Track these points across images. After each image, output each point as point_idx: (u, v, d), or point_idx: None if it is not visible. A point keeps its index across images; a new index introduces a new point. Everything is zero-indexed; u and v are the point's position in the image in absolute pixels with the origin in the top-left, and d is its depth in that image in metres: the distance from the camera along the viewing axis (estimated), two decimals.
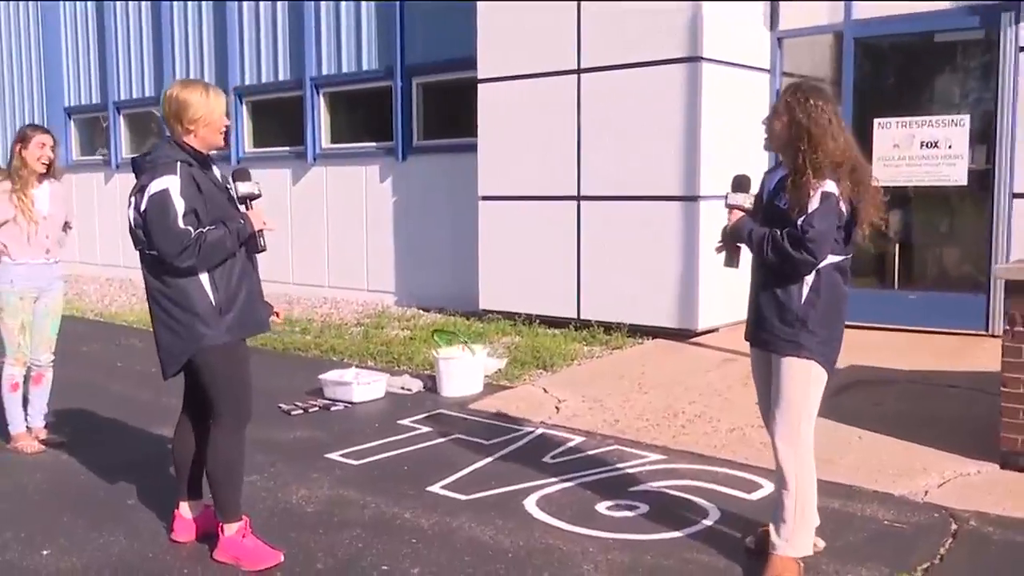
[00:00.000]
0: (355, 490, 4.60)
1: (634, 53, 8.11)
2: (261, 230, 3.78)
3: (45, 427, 5.59)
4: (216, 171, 3.84)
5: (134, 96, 14.53)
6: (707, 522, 4.10)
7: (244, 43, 12.66)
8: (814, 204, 3.28)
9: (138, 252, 3.70)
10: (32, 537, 4.05)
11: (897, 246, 8.22)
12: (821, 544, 3.75)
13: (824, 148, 3.30)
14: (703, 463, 4.93)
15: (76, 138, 16.00)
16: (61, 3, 15.60)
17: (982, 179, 7.59)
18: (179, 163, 3.60)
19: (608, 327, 8.32)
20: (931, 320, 7.77)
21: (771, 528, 3.56)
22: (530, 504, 4.36)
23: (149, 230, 3.57)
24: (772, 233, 3.36)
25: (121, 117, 14.93)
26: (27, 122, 14.63)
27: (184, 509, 4.01)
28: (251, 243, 3.77)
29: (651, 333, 8.16)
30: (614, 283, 8.36)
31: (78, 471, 5.01)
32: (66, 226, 5.71)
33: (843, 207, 3.33)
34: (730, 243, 3.66)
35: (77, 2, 15.30)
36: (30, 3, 16.12)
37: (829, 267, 3.41)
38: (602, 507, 4.30)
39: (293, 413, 6.15)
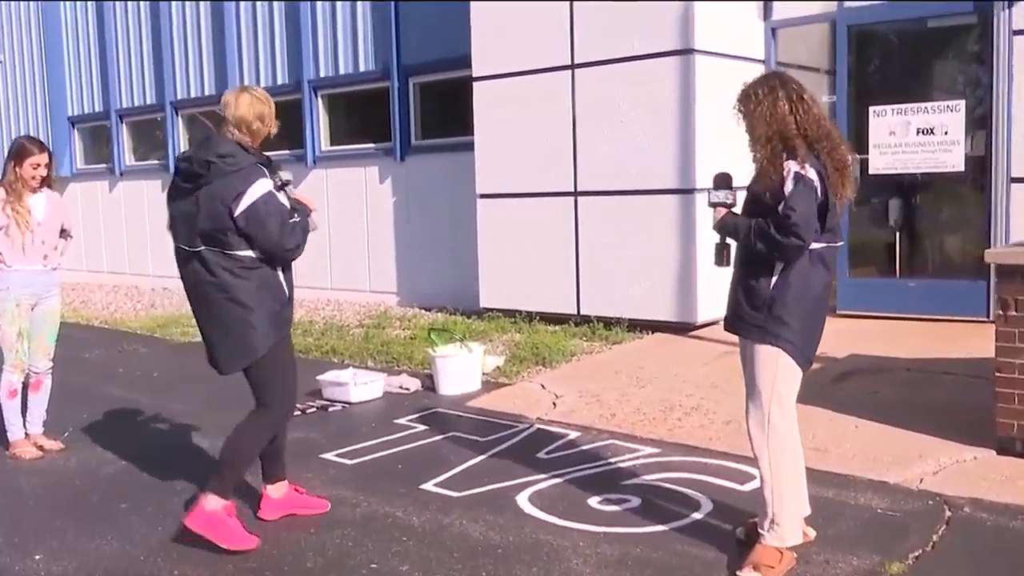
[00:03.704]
0: (348, 489, 4.61)
1: (627, 47, 8.10)
2: (311, 211, 4.04)
3: (43, 433, 5.61)
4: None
5: (136, 104, 14.59)
6: (698, 514, 4.09)
7: (242, 47, 12.69)
8: (789, 187, 3.28)
9: (206, 253, 3.78)
10: (25, 542, 4.07)
11: (897, 234, 8.18)
12: (812, 533, 3.73)
13: (763, 131, 3.35)
14: (697, 455, 4.92)
15: (80, 147, 16.08)
16: (62, 12, 15.68)
17: (979, 164, 7.55)
18: (260, 166, 3.83)
19: (608, 322, 8.31)
20: (932, 307, 7.73)
21: (758, 518, 3.56)
22: (522, 500, 4.36)
23: (262, 230, 3.74)
24: (758, 223, 3.36)
25: (123, 125, 14.99)
26: (29, 133, 14.80)
27: (270, 490, 4.25)
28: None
29: (651, 327, 8.14)
30: (613, 278, 8.35)
31: (74, 476, 5.03)
32: (65, 234, 5.70)
33: (818, 186, 3.31)
34: (719, 242, 3.64)
35: (79, 9, 15.37)
36: (32, 15, 16.20)
37: (805, 254, 3.39)
38: (594, 501, 4.29)
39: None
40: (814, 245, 3.38)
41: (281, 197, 3.86)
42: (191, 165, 3.79)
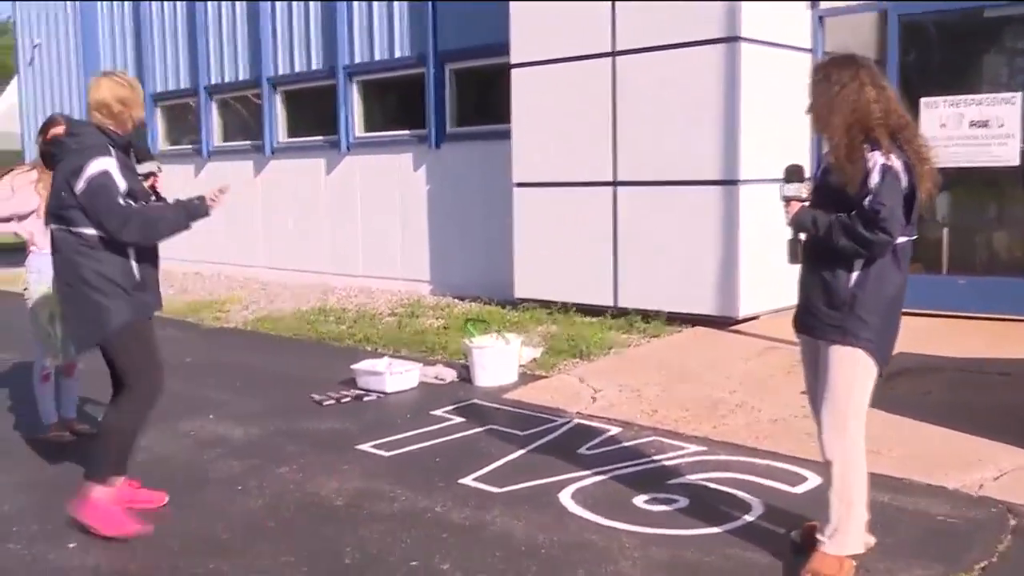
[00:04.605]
0: (385, 482, 4.49)
1: (670, 34, 7.90)
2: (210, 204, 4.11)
3: (76, 418, 5.55)
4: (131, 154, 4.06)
5: (170, 88, 14.56)
6: (749, 517, 3.94)
7: (277, 33, 12.61)
8: (875, 180, 3.10)
9: (56, 232, 3.87)
10: (59, 530, 3.99)
11: (946, 229, 7.95)
12: (872, 540, 3.56)
13: (844, 119, 3.15)
14: (745, 455, 4.76)
15: None
16: (99, 1, 15.68)
17: None
18: (108, 146, 3.85)
19: (646, 315, 8.13)
20: (982, 305, 7.49)
21: (818, 523, 3.40)
22: (565, 497, 4.23)
23: (92, 208, 3.77)
24: (840, 218, 3.17)
25: (158, 109, 14.97)
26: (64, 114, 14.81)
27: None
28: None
29: (690, 321, 7.96)
30: (652, 270, 8.18)
31: None
32: None
33: (903, 178, 3.14)
34: (792, 238, 3.44)
35: (115, 1, 15.40)
36: (69, 3, 16.21)
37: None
38: (640, 500, 4.15)
39: (325, 404, 6.06)
40: (901, 239, 3.20)
41: (120, 179, 3.81)
42: (48, 146, 3.96)
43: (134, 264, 3.91)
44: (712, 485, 4.33)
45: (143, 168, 4.05)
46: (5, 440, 5.42)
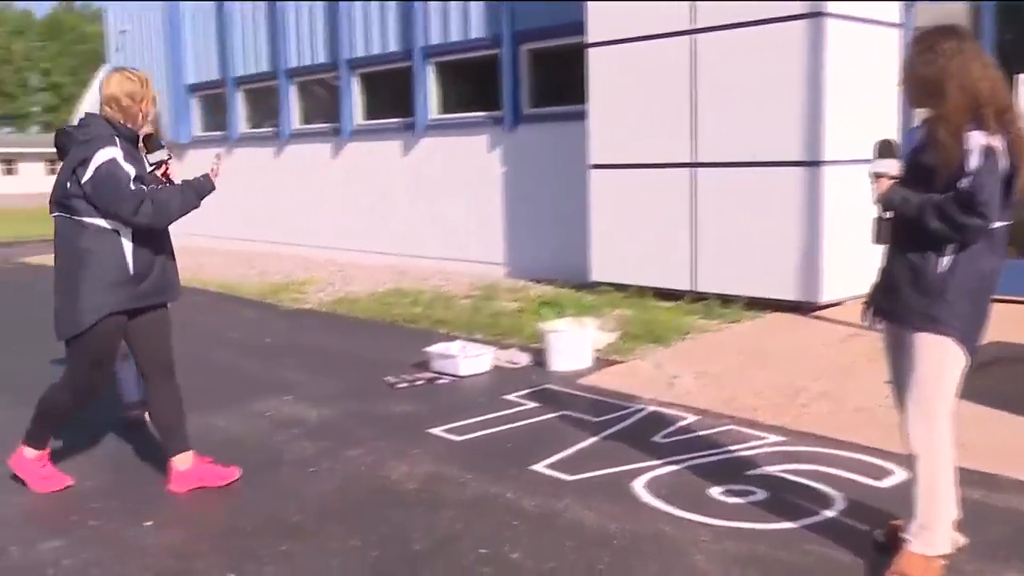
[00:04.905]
0: (456, 467, 4.46)
1: (752, 10, 7.67)
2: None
3: None
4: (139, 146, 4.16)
5: (252, 72, 14.77)
6: (831, 512, 3.79)
7: (354, 15, 12.68)
8: (975, 161, 2.91)
9: (57, 219, 4.00)
10: (137, 507, 4.06)
11: None
12: (962, 540, 3.39)
13: (950, 94, 2.94)
14: (827, 446, 4.59)
15: (199, 114, 16.43)
16: None
17: None
18: (115, 136, 3.96)
19: (725, 299, 7.95)
20: None
21: (903, 521, 3.24)
22: (638, 486, 4.13)
23: (101, 196, 3.87)
24: (934, 199, 2.99)
25: (239, 93, 15.22)
26: None
27: (175, 463, 4.28)
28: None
29: (770, 306, 7.76)
30: (731, 254, 7.99)
31: None
32: None
33: (1003, 160, 2.95)
34: (880, 216, 3.25)
35: None
36: None
37: None
38: (715, 492, 4.04)
39: (398, 386, 6.06)
40: (996, 223, 3.02)
41: (127, 166, 3.90)
42: (59, 138, 4.04)
43: (129, 257, 3.98)
44: (791, 477, 4.19)
45: (154, 157, 4.15)
46: (85, 419, 5.53)
